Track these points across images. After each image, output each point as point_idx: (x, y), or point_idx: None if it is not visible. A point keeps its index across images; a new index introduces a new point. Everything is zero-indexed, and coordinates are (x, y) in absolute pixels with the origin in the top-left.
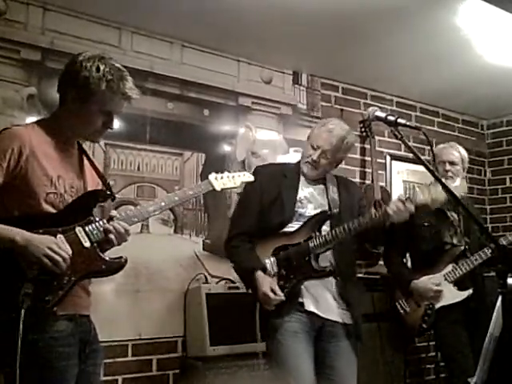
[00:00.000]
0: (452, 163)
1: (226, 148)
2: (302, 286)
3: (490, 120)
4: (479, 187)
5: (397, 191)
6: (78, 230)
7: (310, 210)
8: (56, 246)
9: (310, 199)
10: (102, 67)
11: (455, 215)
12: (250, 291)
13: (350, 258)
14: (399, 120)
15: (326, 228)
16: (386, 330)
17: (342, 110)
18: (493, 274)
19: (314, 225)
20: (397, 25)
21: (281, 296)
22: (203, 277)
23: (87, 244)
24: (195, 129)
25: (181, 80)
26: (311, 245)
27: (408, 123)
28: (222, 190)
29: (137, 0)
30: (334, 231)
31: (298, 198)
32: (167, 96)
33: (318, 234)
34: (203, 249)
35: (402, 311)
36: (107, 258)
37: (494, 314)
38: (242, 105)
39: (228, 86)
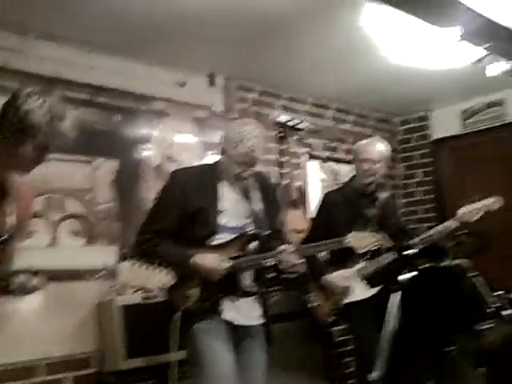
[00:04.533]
0: (372, 161)
1: (141, 153)
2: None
3: (402, 117)
4: (392, 182)
5: (313, 190)
6: None
7: (233, 221)
8: None
9: (232, 209)
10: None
11: (371, 211)
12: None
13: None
14: (300, 125)
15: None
16: (304, 327)
17: (258, 111)
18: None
19: (243, 244)
20: (306, 26)
21: (227, 264)
22: (119, 288)
23: None
24: (107, 135)
25: (90, 85)
26: (239, 265)
27: (307, 127)
28: None
29: (40, 1)
30: (260, 255)
31: (219, 207)
32: (75, 102)
33: (245, 252)
34: (119, 258)
35: (311, 303)
36: None
37: (391, 310)
38: (156, 109)
39: (140, 90)
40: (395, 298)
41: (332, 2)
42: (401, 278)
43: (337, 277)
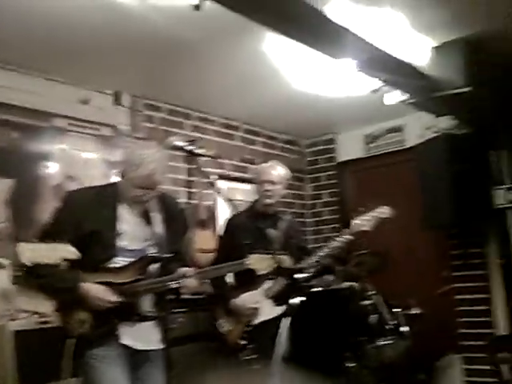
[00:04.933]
0: (272, 183)
1: (40, 172)
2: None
3: (309, 139)
4: (300, 202)
5: (222, 209)
6: None
7: (133, 244)
8: None
9: (132, 232)
10: None
11: (274, 232)
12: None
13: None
14: (196, 150)
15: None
16: (210, 349)
17: (166, 130)
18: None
19: (143, 267)
20: (210, 50)
21: (116, 299)
22: (11, 313)
23: None
24: (3, 152)
25: None
26: (138, 289)
27: (204, 153)
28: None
29: None
30: (161, 278)
31: (118, 230)
32: None
33: (146, 276)
34: (13, 282)
35: (222, 329)
36: None
37: (281, 335)
38: (57, 126)
39: (40, 106)
40: (286, 322)
41: (234, 28)
42: (291, 301)
43: (244, 299)
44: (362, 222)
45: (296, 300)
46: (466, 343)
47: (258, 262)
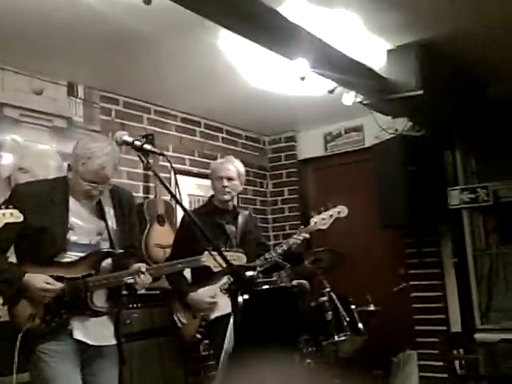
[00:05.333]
0: (229, 179)
1: None
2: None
3: (271, 136)
4: (262, 199)
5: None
6: None
7: (84, 238)
8: None
9: (83, 226)
10: None
11: (233, 228)
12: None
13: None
14: (145, 146)
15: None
16: (166, 343)
17: (123, 123)
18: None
19: (95, 262)
20: (169, 42)
21: (58, 285)
22: None
23: None
24: None
25: None
26: (90, 284)
27: (153, 149)
28: None
29: None
30: (115, 273)
31: (69, 224)
32: None
33: (98, 270)
34: None
35: (179, 323)
36: None
37: (228, 330)
38: (8, 116)
39: None
40: (231, 321)
41: (187, 23)
42: (239, 299)
43: (201, 294)
44: (320, 220)
45: (241, 298)
46: (421, 340)
47: (213, 259)
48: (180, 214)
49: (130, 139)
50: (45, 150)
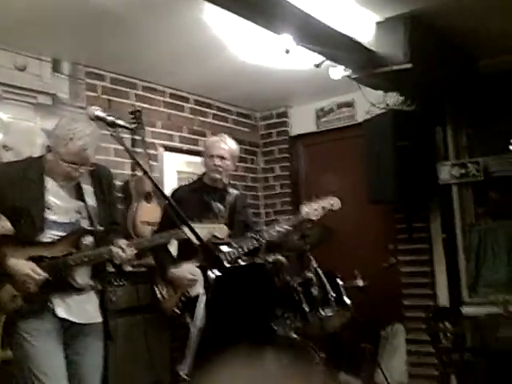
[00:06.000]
0: (221, 158)
1: None
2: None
3: (262, 112)
4: (253, 175)
5: (170, 182)
6: None
7: (63, 217)
8: None
9: (62, 205)
10: None
11: (220, 206)
12: None
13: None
14: (117, 121)
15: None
16: (151, 320)
17: (109, 100)
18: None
19: (75, 241)
20: (154, 17)
21: (43, 275)
22: None
23: None
24: None
25: None
26: (70, 262)
27: (126, 125)
28: None
29: None
30: (96, 251)
31: (46, 203)
32: None
33: (78, 249)
34: None
35: (159, 295)
36: None
37: (198, 306)
38: None
39: None
40: (203, 297)
41: None
42: (209, 275)
43: (183, 270)
44: (311, 210)
45: (213, 274)
46: (409, 314)
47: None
48: (168, 191)
49: (102, 114)
50: (29, 127)
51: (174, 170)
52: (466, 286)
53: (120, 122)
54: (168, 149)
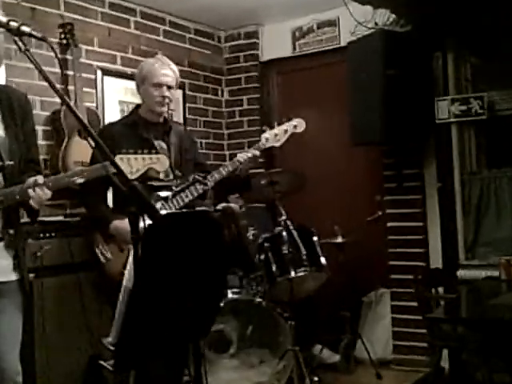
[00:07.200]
0: (168, 87)
1: None
2: None
3: (228, 31)
4: (215, 109)
5: (111, 113)
6: None
7: None
8: None
9: None
10: None
11: (163, 145)
12: None
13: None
14: (23, 28)
15: None
16: (87, 280)
17: (33, 8)
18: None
19: None
20: None
21: None
22: None
23: None
24: None
25: None
26: None
27: (34, 33)
28: None
29: None
30: (6, 190)
31: None
32: None
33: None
34: None
35: (102, 258)
36: None
37: (128, 265)
38: None
39: None
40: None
41: None
42: (140, 225)
43: (127, 222)
44: (272, 137)
45: (142, 223)
46: (396, 277)
47: (126, 165)
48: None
49: (3, 19)
50: None
51: (116, 99)
52: (462, 245)
53: (26, 28)
54: (108, 73)
